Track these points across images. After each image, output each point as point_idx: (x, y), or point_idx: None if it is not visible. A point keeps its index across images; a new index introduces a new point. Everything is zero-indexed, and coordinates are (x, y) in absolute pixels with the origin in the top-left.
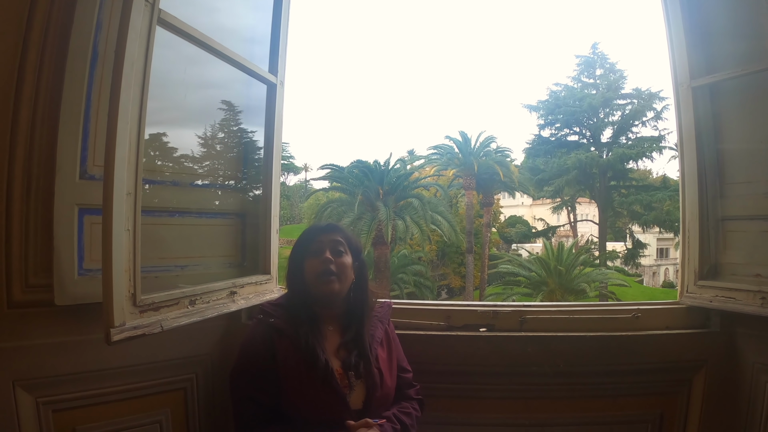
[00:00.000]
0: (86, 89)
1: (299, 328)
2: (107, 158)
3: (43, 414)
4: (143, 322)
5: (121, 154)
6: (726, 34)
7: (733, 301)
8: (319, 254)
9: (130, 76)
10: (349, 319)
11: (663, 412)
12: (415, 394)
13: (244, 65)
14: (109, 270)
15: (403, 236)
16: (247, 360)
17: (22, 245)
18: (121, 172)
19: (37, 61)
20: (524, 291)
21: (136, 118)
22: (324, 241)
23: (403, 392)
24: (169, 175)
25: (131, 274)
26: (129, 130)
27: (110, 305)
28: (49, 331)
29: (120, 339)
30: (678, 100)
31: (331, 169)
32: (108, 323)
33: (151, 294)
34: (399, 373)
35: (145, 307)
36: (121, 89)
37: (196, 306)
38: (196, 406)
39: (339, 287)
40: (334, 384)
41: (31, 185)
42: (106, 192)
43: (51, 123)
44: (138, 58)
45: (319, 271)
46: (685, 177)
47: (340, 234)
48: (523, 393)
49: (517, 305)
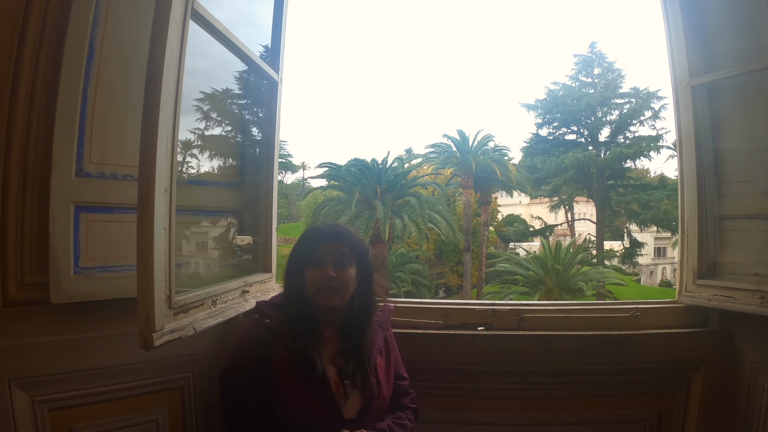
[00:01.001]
0: (83, 86)
1: (296, 331)
2: (146, 153)
3: (38, 413)
4: (178, 324)
5: (161, 149)
6: (725, 33)
7: (731, 300)
8: (321, 266)
9: (171, 66)
10: (350, 326)
11: (661, 412)
12: (410, 403)
13: (254, 61)
14: (149, 271)
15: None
16: (240, 360)
17: (17, 243)
18: (162, 168)
19: (34, 57)
20: (522, 290)
21: (171, 111)
22: (326, 252)
23: (398, 400)
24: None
25: (167, 275)
26: (168, 124)
27: (151, 308)
28: (44, 329)
29: (161, 343)
30: (677, 99)
31: (328, 168)
32: (149, 327)
33: (182, 295)
34: (395, 380)
35: (178, 309)
36: (162, 80)
37: (218, 306)
38: (192, 405)
39: (340, 302)
40: (328, 392)
41: (27, 182)
42: (145, 189)
43: (47, 120)
44: (174, 49)
45: (319, 284)
46: (684, 176)
47: (345, 242)
48: (521, 392)
49: (515, 304)
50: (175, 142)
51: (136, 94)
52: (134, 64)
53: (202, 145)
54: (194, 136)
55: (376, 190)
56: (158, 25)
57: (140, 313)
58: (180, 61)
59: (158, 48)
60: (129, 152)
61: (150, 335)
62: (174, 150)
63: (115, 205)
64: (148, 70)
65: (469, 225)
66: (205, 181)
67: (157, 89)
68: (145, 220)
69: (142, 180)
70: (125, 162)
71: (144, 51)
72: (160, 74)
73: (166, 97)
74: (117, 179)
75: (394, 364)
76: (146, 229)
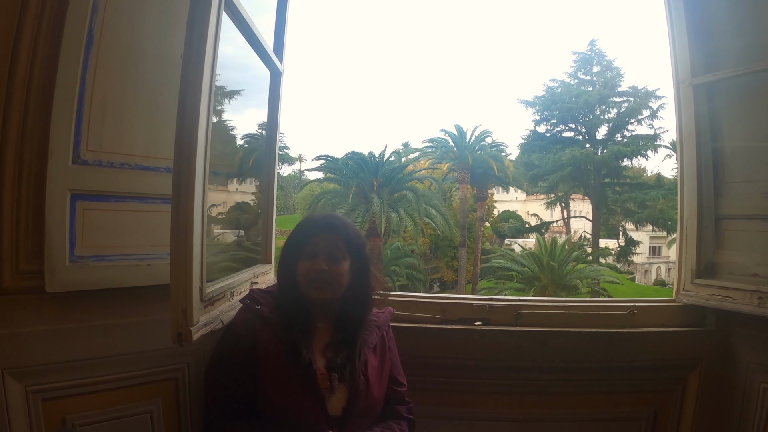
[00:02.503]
0: (81, 73)
1: (287, 320)
2: (183, 141)
3: (32, 403)
4: (209, 317)
5: (201, 137)
6: (728, 32)
7: (729, 300)
8: (313, 258)
9: (211, 52)
10: (344, 319)
11: (657, 410)
12: (405, 413)
13: (265, 49)
14: (187, 263)
15: (397, 228)
16: (225, 345)
17: (12, 231)
18: (200, 156)
19: (32, 43)
20: (516, 286)
21: (207, 98)
22: (320, 245)
23: (392, 407)
24: (164, 161)
25: (201, 267)
26: (205, 111)
27: (189, 301)
28: (39, 318)
29: (197, 338)
30: (678, 98)
31: (325, 160)
32: (186, 321)
33: (210, 287)
34: (391, 384)
35: (207, 301)
36: (204, 65)
37: (235, 298)
38: (187, 396)
39: (332, 295)
40: (313, 383)
41: (23, 170)
42: (183, 178)
43: (44, 107)
44: (211, 36)
45: (311, 277)
46: (684, 174)
47: (339, 235)
48: (518, 388)
49: (513, 300)
50: (209, 130)
51: (136, 82)
52: (134, 51)
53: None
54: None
55: (372, 184)
56: (198, 10)
57: (175, 306)
58: (215, 48)
59: (198, 34)
60: (127, 140)
61: (188, 329)
62: (209, 138)
63: (111, 194)
64: (186, 55)
65: (465, 220)
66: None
67: (199, 75)
68: (183, 210)
69: (180, 169)
70: (123, 150)
71: (144, 38)
72: (201, 60)
73: (205, 83)
74: (114, 167)
75: (391, 367)
76: (185, 219)
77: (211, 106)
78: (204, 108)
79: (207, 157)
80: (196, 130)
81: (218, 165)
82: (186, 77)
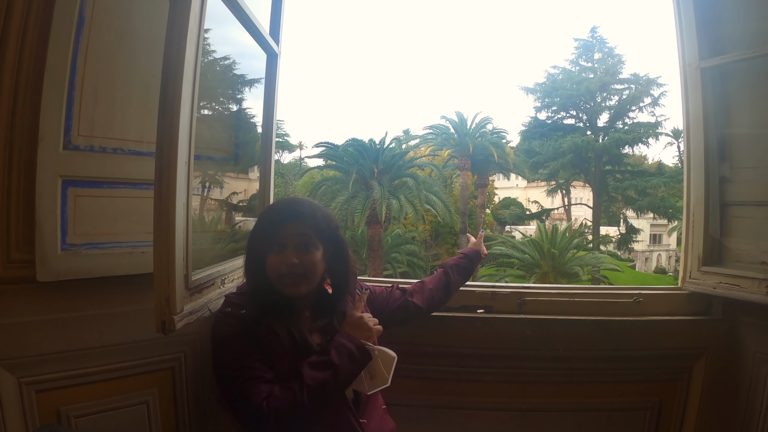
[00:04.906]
0: (71, 56)
1: (275, 317)
2: (166, 122)
3: (26, 394)
4: (195, 306)
5: (184, 119)
6: (737, 15)
7: (737, 288)
8: (282, 251)
9: (195, 31)
10: (323, 305)
11: (662, 400)
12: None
13: (259, 30)
14: (170, 249)
15: (397, 215)
16: (235, 350)
17: (2, 219)
18: (183, 139)
19: (21, 25)
20: (517, 273)
21: (191, 78)
22: (287, 235)
23: (405, 298)
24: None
25: (185, 253)
26: (188, 91)
27: (172, 289)
28: (31, 308)
29: (181, 326)
30: (685, 82)
31: (325, 147)
32: (169, 309)
33: (197, 274)
34: (390, 304)
35: (194, 289)
36: (186, 45)
37: (226, 286)
38: (184, 386)
39: (307, 288)
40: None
41: (12, 156)
42: (165, 161)
43: (34, 91)
44: (197, 12)
45: (282, 272)
46: (691, 160)
47: (308, 222)
48: (520, 377)
49: (516, 287)
50: (194, 112)
51: (128, 65)
52: (125, 33)
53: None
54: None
55: (373, 171)
56: None
57: (158, 294)
58: (200, 26)
59: (181, 11)
60: (119, 125)
61: (171, 318)
62: (193, 120)
63: (104, 180)
64: (169, 33)
65: (466, 207)
66: (198, 155)
67: (181, 53)
68: (165, 195)
69: (161, 151)
70: (115, 135)
71: (137, 20)
72: (184, 39)
73: (188, 62)
74: (106, 152)
75: (381, 303)
76: (167, 204)
77: (196, 88)
78: (188, 89)
79: (192, 140)
80: (179, 112)
81: (241, 154)
82: (168, 57)
